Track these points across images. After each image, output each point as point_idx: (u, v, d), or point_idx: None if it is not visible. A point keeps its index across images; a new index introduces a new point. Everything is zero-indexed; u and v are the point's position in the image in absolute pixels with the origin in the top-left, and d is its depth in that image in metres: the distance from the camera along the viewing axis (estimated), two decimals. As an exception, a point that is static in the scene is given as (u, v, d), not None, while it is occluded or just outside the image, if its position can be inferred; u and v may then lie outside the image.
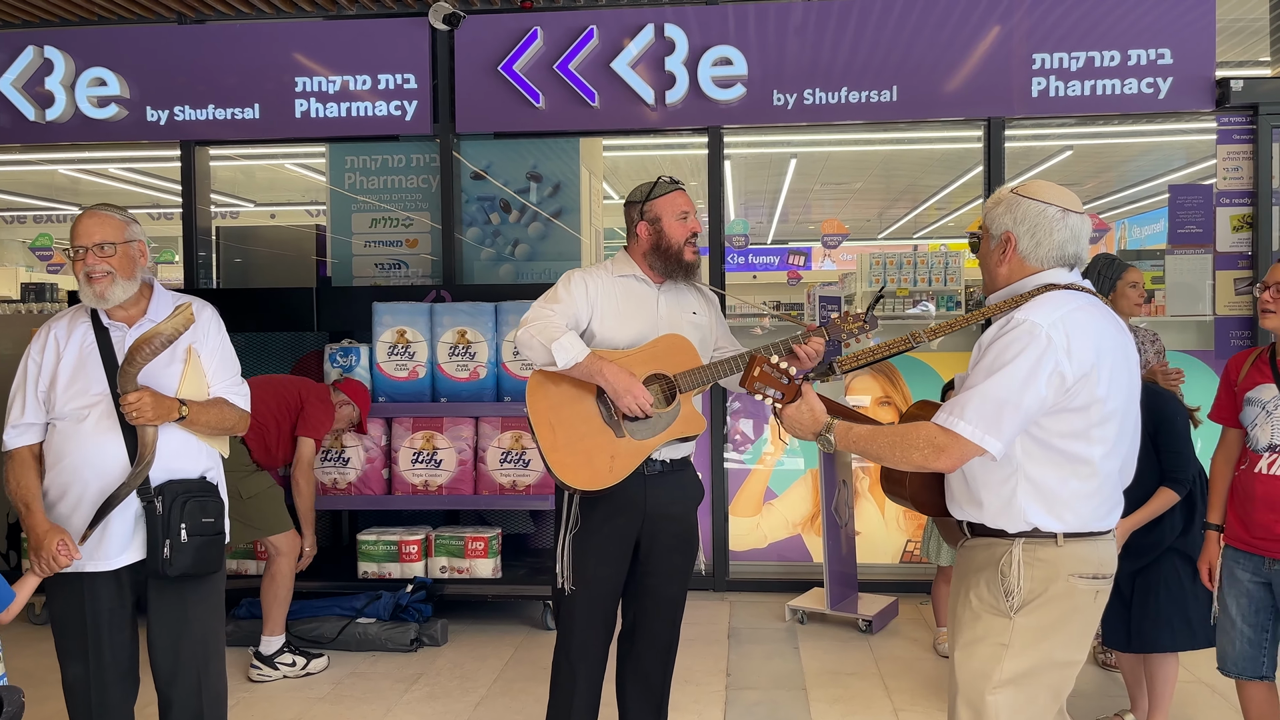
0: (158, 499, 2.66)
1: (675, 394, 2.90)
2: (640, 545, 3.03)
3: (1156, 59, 5.18)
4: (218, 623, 2.87)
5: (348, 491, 5.00)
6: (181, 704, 2.76)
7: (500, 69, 5.46)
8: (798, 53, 5.40)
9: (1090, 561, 2.15)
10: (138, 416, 2.57)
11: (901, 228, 14.03)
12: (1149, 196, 9.51)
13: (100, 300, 2.69)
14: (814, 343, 2.92)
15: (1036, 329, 2.04)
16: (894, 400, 5.63)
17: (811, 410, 2.24)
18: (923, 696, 4.08)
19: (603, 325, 2.97)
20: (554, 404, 2.87)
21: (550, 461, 2.84)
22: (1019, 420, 2.04)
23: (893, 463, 2.16)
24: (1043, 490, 2.11)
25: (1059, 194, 2.21)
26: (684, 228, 3.01)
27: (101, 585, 2.68)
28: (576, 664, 2.99)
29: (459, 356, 4.99)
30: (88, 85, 5.67)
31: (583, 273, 3.03)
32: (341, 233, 5.98)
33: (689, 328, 3.05)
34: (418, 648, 4.71)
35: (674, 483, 3.03)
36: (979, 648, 2.16)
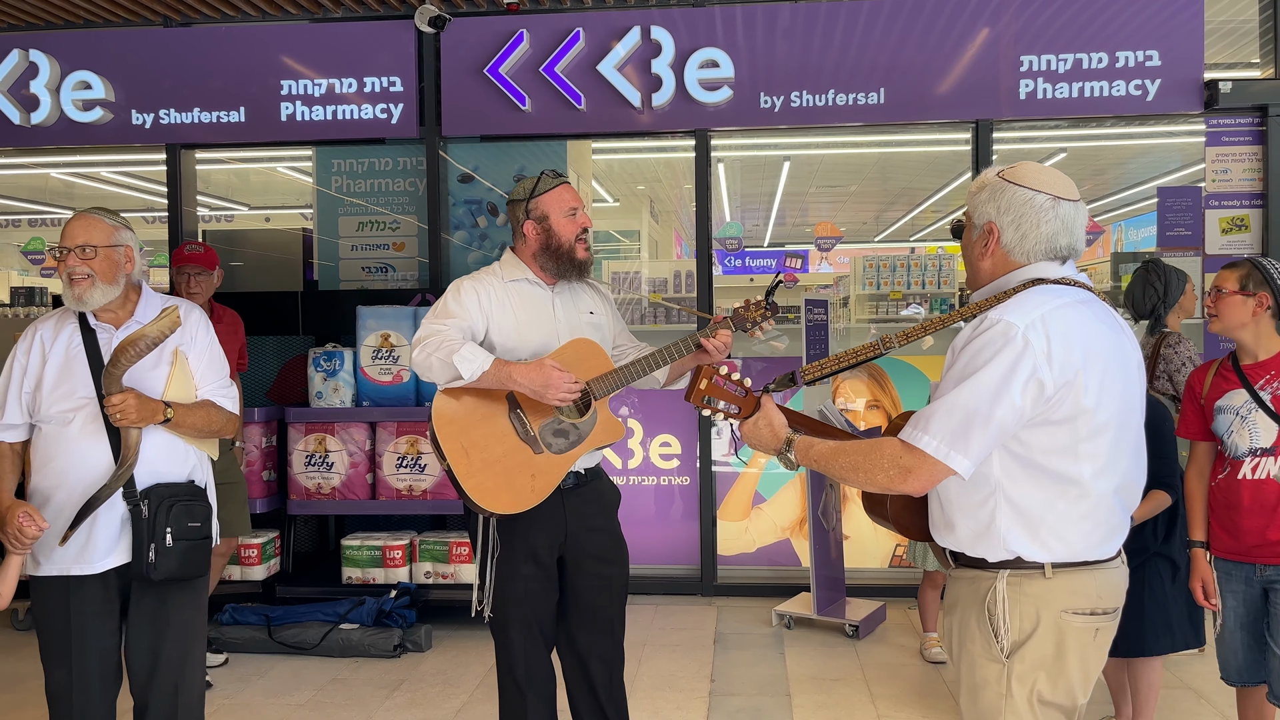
0: (144, 502, 2.64)
1: (590, 402, 2.80)
2: (565, 560, 2.95)
3: (1144, 61, 5.16)
4: (199, 627, 2.84)
5: (332, 496, 4.97)
6: (156, 707, 2.73)
7: (486, 71, 5.44)
8: (785, 55, 5.37)
9: (1086, 595, 1.91)
10: (121, 418, 2.56)
11: (898, 230, 14.00)
12: (1144, 199, 9.47)
13: (78, 303, 2.68)
14: (721, 335, 2.83)
15: (1012, 330, 1.81)
16: (883, 404, 5.60)
17: (770, 424, 2.07)
18: (907, 703, 4.05)
19: (501, 336, 2.83)
20: (463, 426, 2.70)
21: (467, 488, 2.67)
22: (990, 435, 1.81)
23: (857, 484, 1.95)
24: (1025, 514, 1.88)
25: (1051, 179, 1.96)
26: (573, 224, 2.88)
27: (87, 588, 2.66)
28: (525, 686, 2.92)
29: (443, 360, 4.96)
30: (73, 88, 5.65)
31: (472, 281, 2.87)
32: (328, 236, 5.96)
33: (588, 328, 2.94)
34: (401, 654, 4.69)
35: (591, 494, 2.95)
36: (981, 695, 1.97)
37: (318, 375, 4.99)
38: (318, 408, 4.98)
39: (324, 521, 5.79)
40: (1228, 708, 3.86)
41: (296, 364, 5.35)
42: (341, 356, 4.99)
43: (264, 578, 5.02)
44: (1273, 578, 2.87)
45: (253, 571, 4.98)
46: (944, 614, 2.15)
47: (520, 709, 2.95)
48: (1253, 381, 2.89)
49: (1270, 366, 2.88)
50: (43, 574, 2.67)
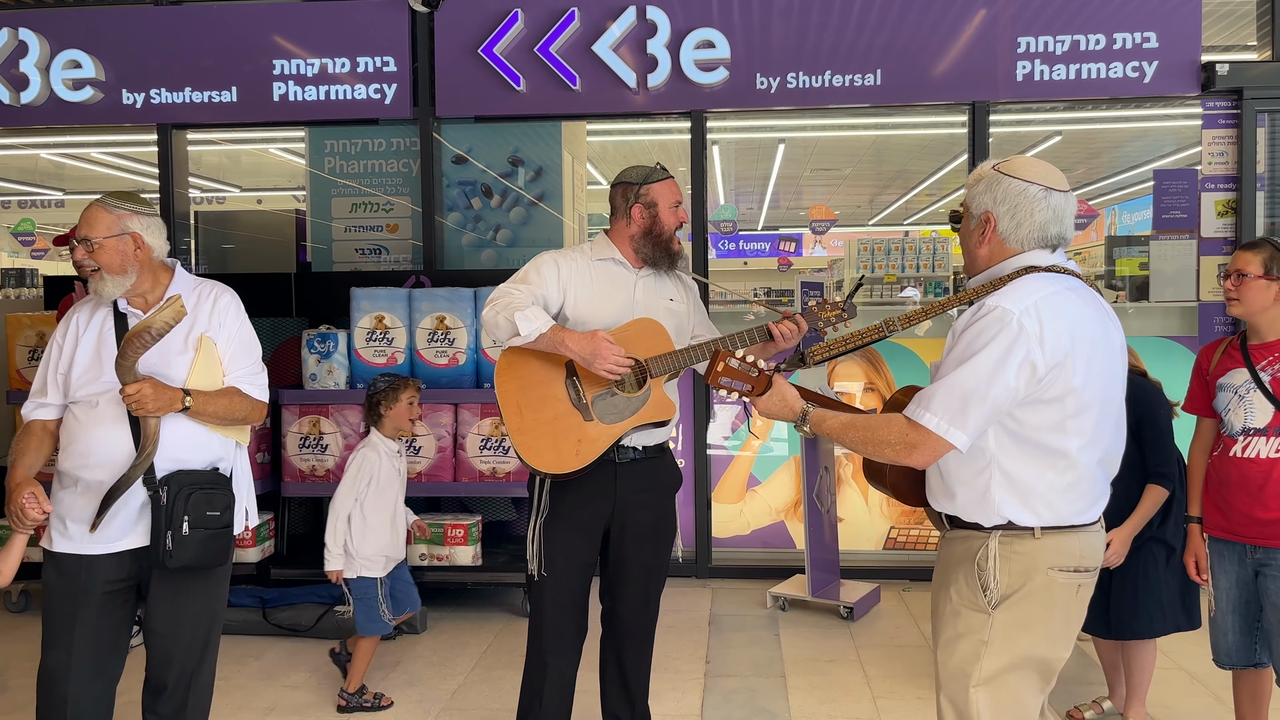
0: (163, 490, 2.61)
1: (646, 378, 2.85)
2: (610, 534, 3.00)
3: (1142, 43, 5.14)
4: (217, 616, 2.83)
5: (326, 478, 4.96)
6: (172, 692, 2.74)
7: (481, 52, 5.40)
8: (781, 36, 5.34)
9: (1070, 554, 2.06)
10: (138, 408, 2.54)
11: (893, 213, 13.99)
12: (1139, 183, 9.48)
13: (96, 296, 2.70)
14: (793, 322, 2.89)
15: (1008, 316, 1.96)
16: (878, 387, 5.60)
17: (784, 400, 2.21)
18: (902, 683, 4.06)
19: (576, 309, 2.93)
20: (522, 385, 2.83)
21: (516, 443, 2.81)
22: (986, 413, 1.97)
23: (867, 455, 2.12)
24: (1017, 484, 2.04)
25: (1043, 171, 2.11)
26: (676, 217, 3.00)
27: (100, 567, 2.64)
28: (547, 652, 2.97)
29: (438, 343, 4.95)
30: (62, 68, 5.59)
31: (556, 255, 2.98)
32: (322, 217, 5.92)
33: (664, 314, 3.00)
34: (397, 636, 4.69)
35: (646, 471, 2.99)
36: (960, 644, 2.10)
37: (311, 357, 4.97)
38: (312, 390, 4.96)
39: (318, 504, 5.76)
40: (1221, 690, 3.89)
41: (290, 346, 5.32)
42: (335, 338, 4.96)
43: (258, 560, 5.00)
44: (1263, 560, 2.88)
45: (247, 554, 4.96)
46: (935, 573, 2.27)
47: (540, 673, 3.00)
48: (1255, 362, 2.89)
49: (1275, 349, 2.88)
50: (58, 550, 2.66)
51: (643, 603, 3.07)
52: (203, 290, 2.81)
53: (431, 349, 4.96)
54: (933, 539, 5.58)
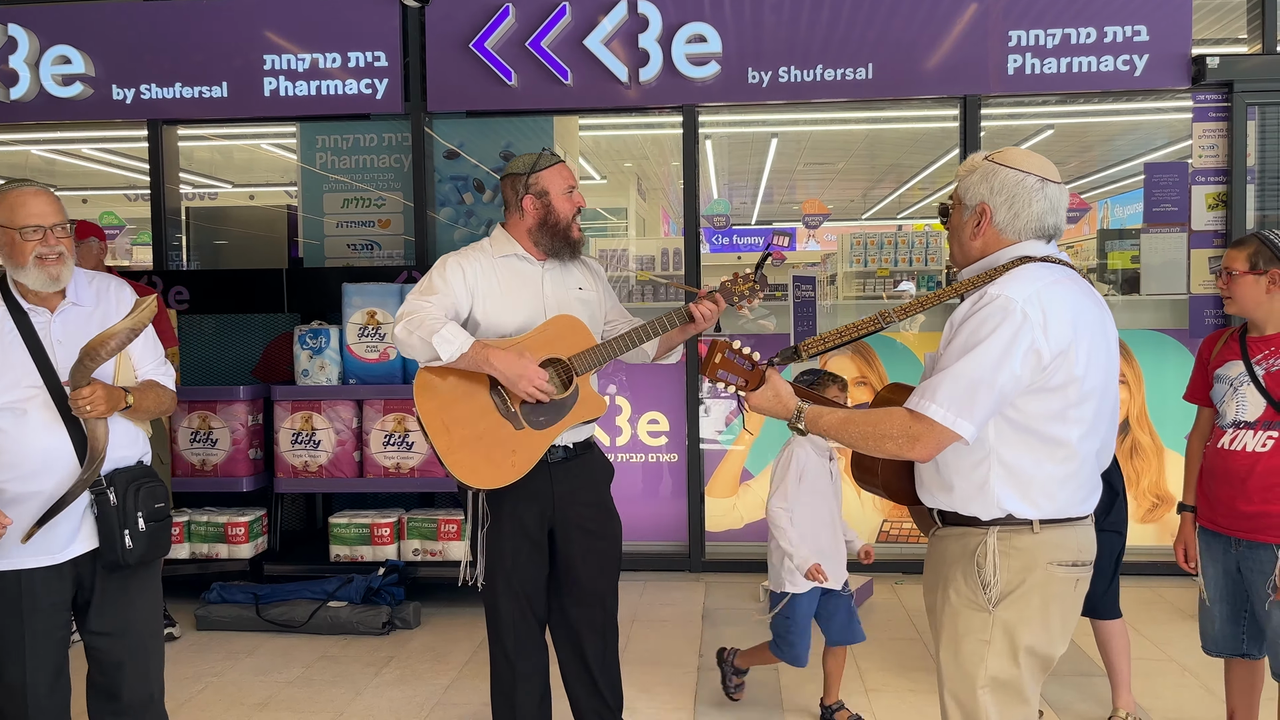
0: (110, 490, 2.59)
1: (572, 378, 2.81)
2: (555, 534, 2.97)
3: (1133, 36, 5.15)
4: (158, 607, 2.82)
5: (319, 474, 4.96)
6: (131, 692, 2.68)
7: (472, 46, 5.39)
8: (773, 30, 5.34)
9: (1068, 548, 2.05)
10: (91, 411, 2.48)
11: (885, 208, 13.99)
12: (1130, 176, 9.48)
13: (55, 283, 2.57)
14: (711, 301, 2.86)
15: (1011, 304, 1.93)
16: (870, 381, 5.61)
17: (778, 395, 2.18)
18: (894, 676, 4.08)
19: (486, 312, 2.85)
20: (445, 402, 2.74)
21: (449, 464, 2.71)
22: (993, 401, 1.94)
23: (867, 451, 2.07)
24: (1017, 474, 2.01)
25: (1037, 162, 2.10)
26: (571, 203, 2.91)
27: (41, 580, 2.57)
28: (515, 659, 2.95)
29: (430, 338, 4.94)
30: (52, 63, 5.57)
31: (458, 256, 2.89)
32: (313, 213, 5.91)
33: (577, 304, 2.96)
34: (390, 631, 4.69)
35: (579, 467, 2.97)
36: (963, 645, 2.08)
37: (303, 353, 4.96)
38: (304, 385, 4.95)
39: (311, 500, 5.77)
40: (1212, 681, 3.90)
41: (282, 342, 5.32)
42: (327, 334, 4.96)
43: (251, 556, 5.01)
44: (1245, 554, 2.90)
45: (240, 550, 4.97)
46: (928, 571, 2.23)
47: (510, 681, 2.97)
48: (1252, 355, 2.90)
49: (1272, 342, 2.89)
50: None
51: (598, 596, 3.03)
52: (100, 284, 2.74)
53: (424, 344, 4.95)
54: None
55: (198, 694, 4.01)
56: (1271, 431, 2.83)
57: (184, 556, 4.99)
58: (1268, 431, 2.84)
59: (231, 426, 4.96)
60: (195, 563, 5.01)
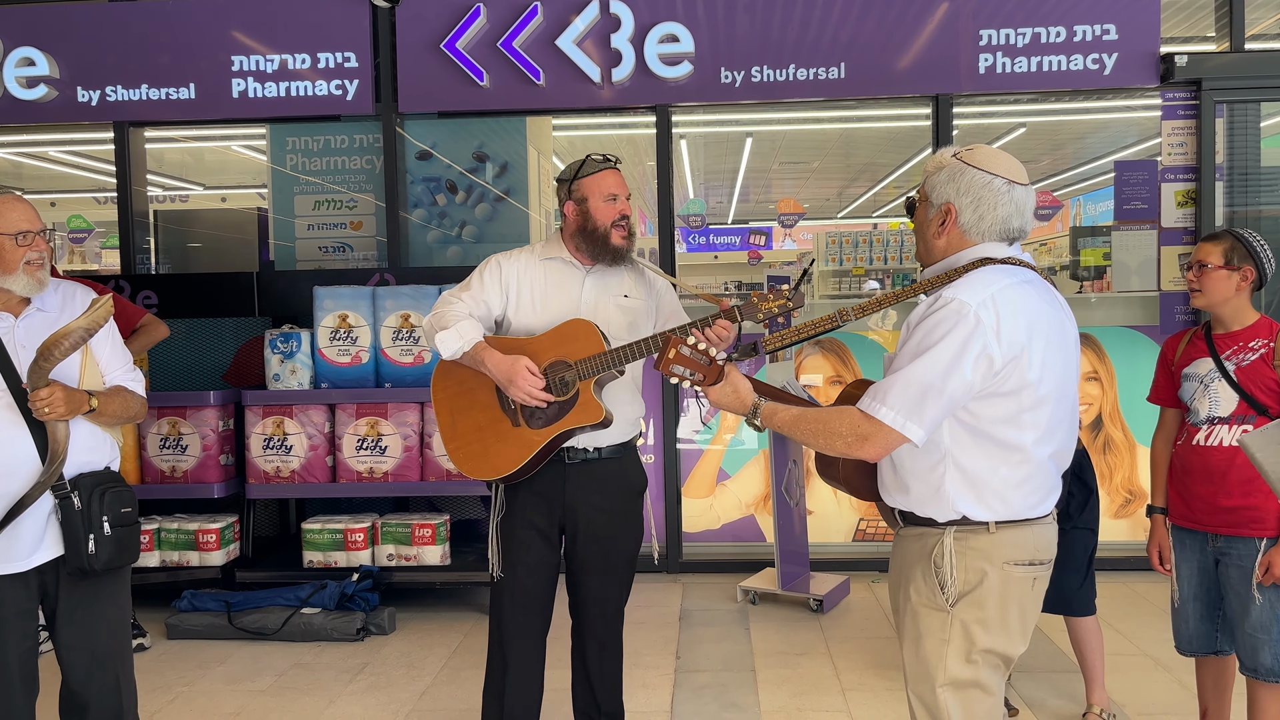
0: (74, 494, 2.56)
1: (575, 382, 2.80)
2: (565, 535, 2.99)
3: (1102, 35, 5.18)
4: (127, 615, 2.79)
5: (291, 480, 4.90)
6: (99, 702, 2.65)
7: (443, 47, 5.35)
8: (746, 29, 5.33)
9: (1024, 548, 2.06)
10: (50, 412, 2.46)
11: (860, 206, 14.05)
12: (1101, 174, 9.57)
13: (39, 286, 2.59)
14: (720, 325, 2.75)
15: (965, 308, 1.92)
16: (844, 378, 5.61)
17: (735, 391, 2.17)
18: (871, 675, 4.08)
19: (518, 312, 2.89)
20: (455, 392, 2.86)
21: (449, 450, 2.85)
22: (943, 406, 1.94)
23: (818, 449, 2.08)
24: (971, 478, 2.02)
25: (1006, 164, 2.08)
26: (611, 210, 2.88)
27: (6, 588, 2.54)
28: (507, 649, 2.95)
29: (403, 341, 4.90)
30: (15, 65, 5.49)
31: (502, 257, 2.94)
32: (284, 215, 5.85)
33: (615, 310, 2.94)
34: (364, 637, 4.65)
35: (600, 472, 2.95)
36: (923, 644, 2.09)
37: (275, 357, 4.91)
38: (275, 390, 4.90)
39: (284, 505, 5.71)
40: (1185, 675, 3.93)
41: (253, 346, 5.26)
42: (299, 338, 4.90)
43: (223, 563, 4.94)
44: (1224, 549, 2.91)
45: (211, 557, 4.91)
46: (891, 571, 2.26)
47: (501, 671, 2.98)
48: (1220, 351, 2.91)
49: (1239, 338, 2.90)
50: None
51: (599, 603, 3.03)
52: (65, 290, 2.74)
53: (396, 347, 4.91)
54: (901, 530, 5.60)
55: (168, 704, 3.95)
56: (1246, 425, 2.84)
57: (154, 565, 4.93)
58: (1242, 425, 2.85)
59: (202, 432, 4.90)
60: (166, 570, 4.94)
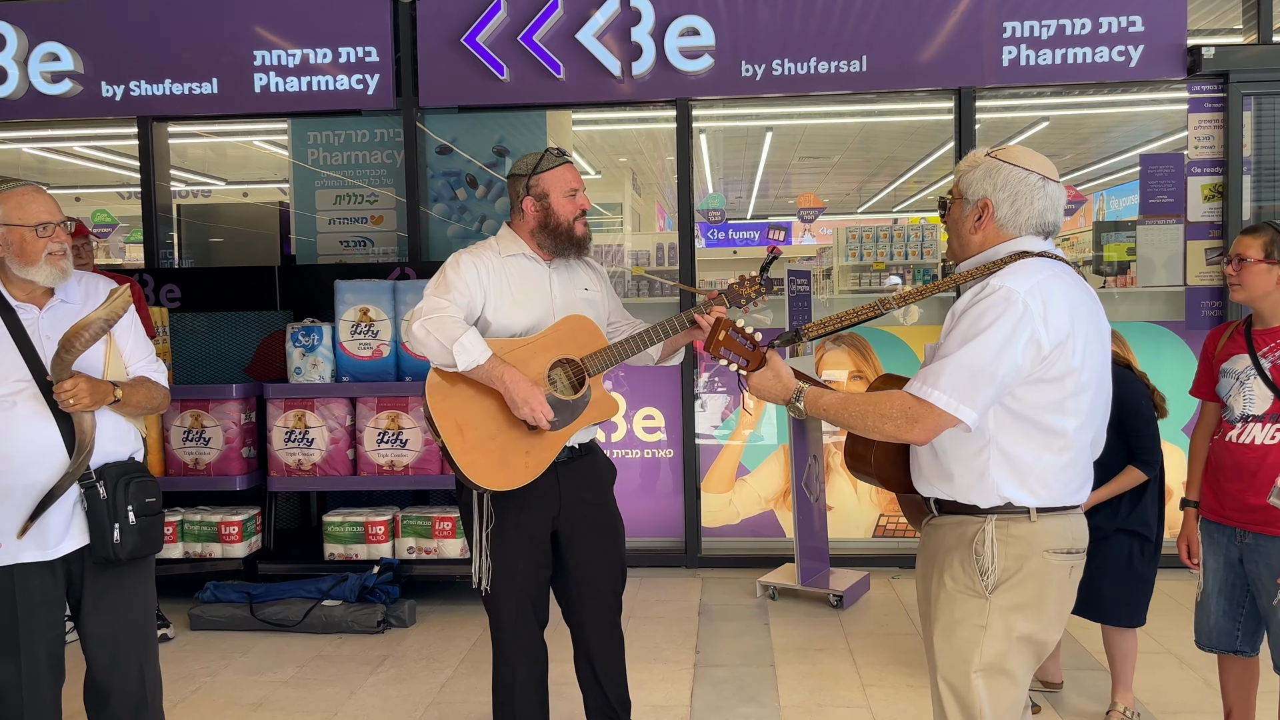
0: (100, 483, 2.59)
1: (585, 379, 2.79)
2: (559, 535, 2.95)
3: (1128, 26, 5.12)
4: (152, 605, 2.81)
5: (313, 473, 4.93)
6: (122, 690, 2.67)
7: (464, 41, 5.36)
8: (767, 22, 5.31)
9: (1064, 536, 2.10)
10: (74, 403, 2.49)
11: (881, 201, 13.97)
12: (1126, 168, 9.47)
13: (62, 276, 2.61)
14: (716, 311, 2.82)
15: (1013, 295, 1.98)
16: (865, 374, 5.59)
17: (778, 376, 2.20)
18: (891, 671, 4.06)
19: (497, 312, 2.82)
20: (458, 403, 2.70)
21: (461, 465, 2.67)
22: (995, 390, 1.98)
23: (864, 432, 2.09)
24: (1015, 463, 2.06)
25: (1038, 161, 2.15)
26: (572, 204, 2.86)
27: (34, 576, 2.57)
28: (514, 660, 2.93)
29: (423, 334, 4.91)
30: (41, 60, 5.53)
31: (470, 255, 2.86)
32: (305, 209, 5.87)
33: (583, 305, 2.94)
34: (385, 629, 4.67)
35: (585, 468, 2.95)
36: (958, 630, 2.11)
37: (296, 351, 4.93)
38: (296, 383, 4.92)
39: (305, 498, 5.75)
40: (1210, 674, 3.89)
41: (275, 339, 5.29)
42: (320, 331, 4.93)
43: (245, 555, 4.98)
44: (1251, 545, 2.88)
45: (234, 549, 4.94)
46: (921, 560, 2.27)
47: (509, 683, 2.96)
48: (1258, 348, 2.88)
49: (1277, 335, 2.86)
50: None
51: (604, 596, 3.02)
52: (88, 282, 2.75)
53: (417, 341, 4.92)
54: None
55: (191, 694, 3.98)
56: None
57: (177, 556, 4.97)
58: (1276, 424, 2.82)
59: (224, 425, 4.93)
60: (189, 562, 4.98)
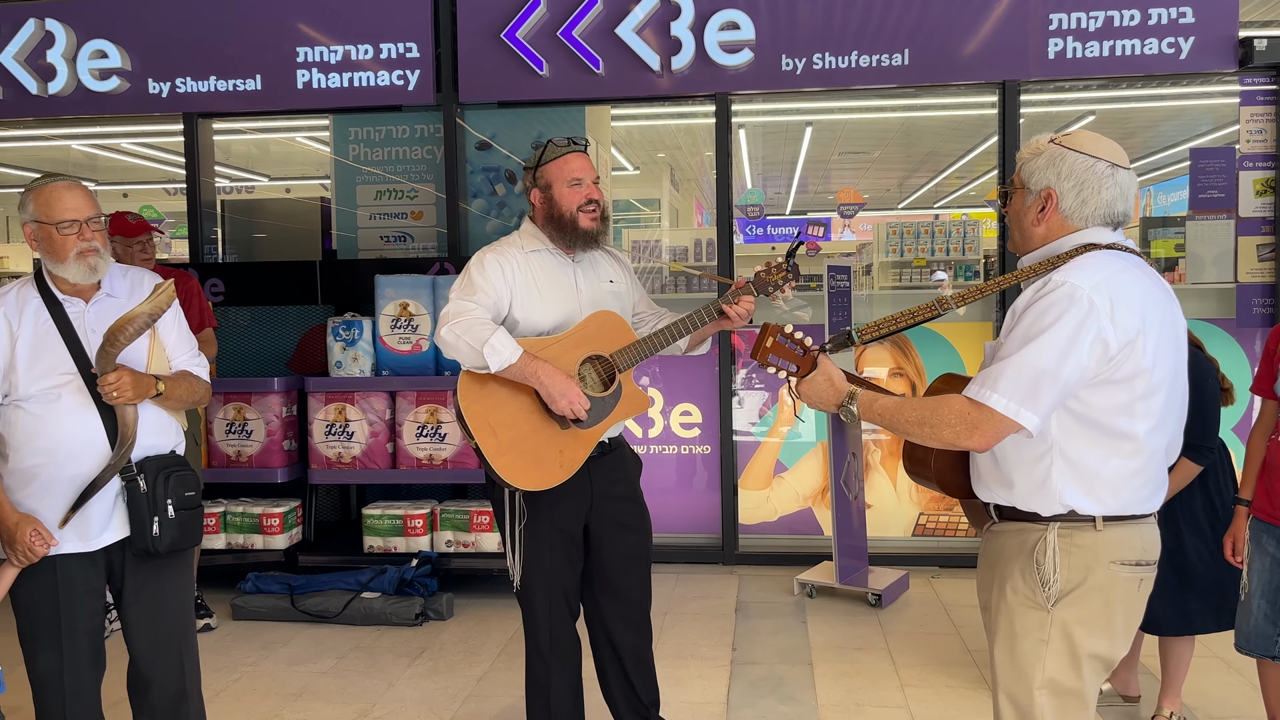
0: (140, 476, 2.61)
1: (615, 375, 2.77)
2: (590, 529, 2.95)
3: (1178, 18, 5.01)
4: (191, 597, 2.84)
5: (352, 466, 4.97)
6: (162, 681, 2.70)
7: (503, 36, 5.37)
8: (807, 15, 5.26)
9: (1133, 547, 1.98)
10: (118, 396, 2.51)
11: (922, 197, 13.83)
12: (1174, 163, 9.28)
13: (94, 274, 2.63)
14: (743, 301, 2.79)
15: (1077, 292, 1.87)
16: (906, 372, 5.53)
17: (830, 381, 2.11)
18: (930, 671, 4.02)
19: (524, 310, 2.80)
20: (491, 404, 2.70)
21: (496, 466, 2.67)
22: (1058, 392, 1.87)
23: (920, 439, 1.99)
24: (1081, 470, 1.94)
25: (1106, 146, 2.02)
26: (576, 194, 2.81)
27: (76, 566, 2.61)
28: (548, 655, 2.93)
29: (462, 329, 4.94)
30: (89, 57, 5.63)
31: (495, 253, 2.83)
32: (346, 205, 5.92)
33: (609, 298, 2.92)
34: (423, 622, 4.70)
35: (614, 462, 2.94)
36: (1019, 644, 2.01)
37: (337, 345, 4.98)
38: (337, 377, 4.97)
39: (345, 491, 5.80)
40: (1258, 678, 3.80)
41: (316, 334, 5.34)
42: (360, 326, 4.97)
43: (286, 547, 5.04)
44: None
45: (275, 540, 5.00)
46: (982, 568, 2.16)
47: (544, 678, 2.96)
48: None
49: None
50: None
51: (634, 589, 3.01)
52: (134, 276, 2.78)
53: (456, 336, 4.94)
54: (963, 525, 5.51)
55: (233, 683, 4.04)
56: None
57: (220, 547, 5.03)
58: None
59: (266, 418, 4.99)
60: (232, 553, 5.05)
